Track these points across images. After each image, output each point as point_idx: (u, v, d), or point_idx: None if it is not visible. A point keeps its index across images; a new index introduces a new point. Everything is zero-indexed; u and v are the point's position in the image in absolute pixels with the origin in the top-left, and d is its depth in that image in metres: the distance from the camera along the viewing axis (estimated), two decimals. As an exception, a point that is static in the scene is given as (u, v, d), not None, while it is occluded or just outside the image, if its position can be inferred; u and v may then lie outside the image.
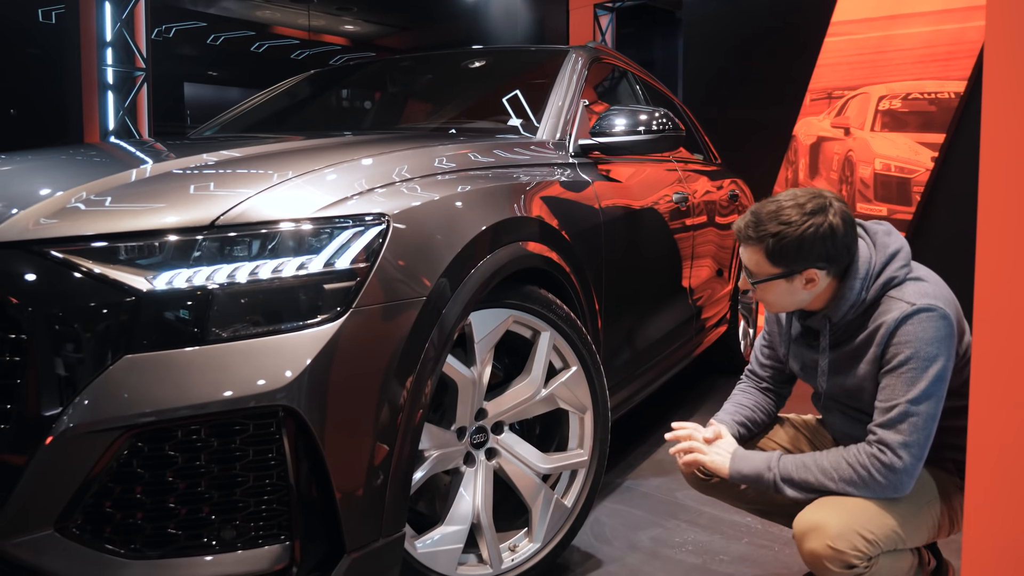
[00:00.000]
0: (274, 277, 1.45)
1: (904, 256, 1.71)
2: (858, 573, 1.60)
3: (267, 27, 7.38)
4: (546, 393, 2.02)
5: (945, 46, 5.19)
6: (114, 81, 5.26)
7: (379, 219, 1.59)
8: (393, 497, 1.57)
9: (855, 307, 1.69)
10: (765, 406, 1.97)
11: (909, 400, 1.60)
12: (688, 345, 3.48)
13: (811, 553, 1.61)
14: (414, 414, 1.59)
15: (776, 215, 1.66)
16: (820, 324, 1.76)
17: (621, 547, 2.27)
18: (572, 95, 2.72)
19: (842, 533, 1.58)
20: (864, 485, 1.62)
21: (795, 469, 1.69)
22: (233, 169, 1.75)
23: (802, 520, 1.64)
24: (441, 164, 1.93)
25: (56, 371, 1.36)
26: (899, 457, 1.59)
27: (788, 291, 1.71)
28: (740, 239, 1.73)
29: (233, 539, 1.43)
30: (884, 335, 1.64)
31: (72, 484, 1.35)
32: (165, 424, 1.37)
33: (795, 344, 1.87)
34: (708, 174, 3.98)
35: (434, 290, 1.63)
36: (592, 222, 2.40)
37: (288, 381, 1.40)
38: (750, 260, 1.72)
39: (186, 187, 1.63)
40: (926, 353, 1.60)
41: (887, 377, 1.64)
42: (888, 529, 1.61)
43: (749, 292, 1.78)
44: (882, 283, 1.68)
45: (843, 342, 1.74)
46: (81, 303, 1.38)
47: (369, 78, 3.38)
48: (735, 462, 1.75)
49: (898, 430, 1.60)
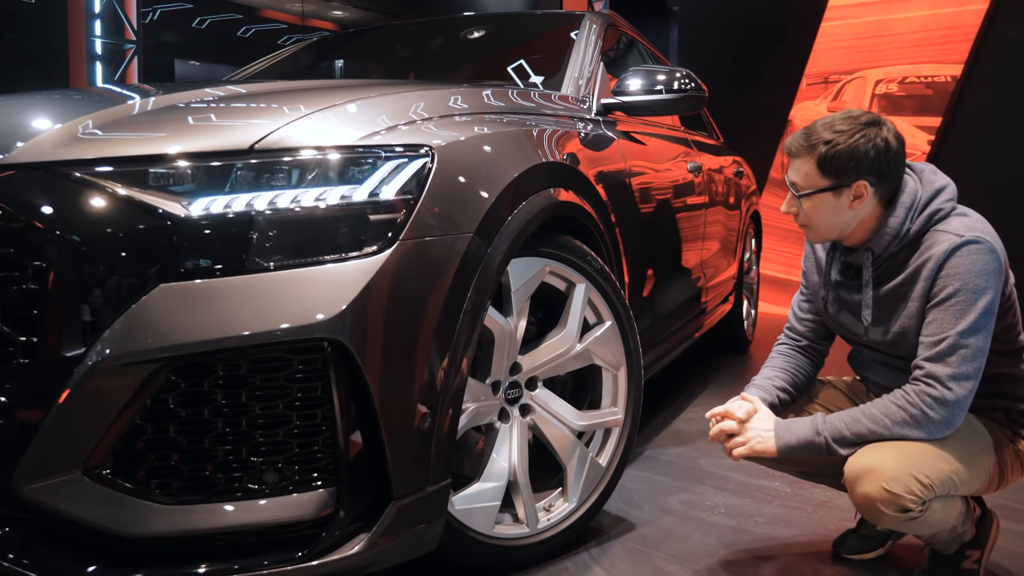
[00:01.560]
0: (317, 205, 1.37)
1: (950, 192, 1.67)
2: (912, 517, 1.55)
3: (255, 11, 7.23)
4: (581, 348, 1.94)
5: (942, 30, 5.21)
6: (103, 52, 5.11)
7: (425, 151, 1.50)
8: (440, 442, 1.49)
9: (899, 238, 1.65)
10: (805, 367, 1.90)
11: (959, 332, 1.55)
12: (698, 320, 3.43)
13: (865, 496, 1.55)
14: (462, 355, 1.51)
15: (830, 125, 1.63)
16: (863, 258, 1.70)
17: (652, 511, 2.20)
18: (592, 55, 2.66)
19: (897, 476, 1.52)
20: (917, 424, 1.57)
21: (844, 425, 1.63)
22: (249, 103, 1.65)
23: (855, 463, 1.58)
24: (487, 101, 1.86)
25: (85, 301, 1.27)
26: (949, 389, 1.55)
27: (834, 208, 1.65)
28: (791, 152, 1.68)
29: (276, 483, 1.34)
30: (933, 268, 1.60)
31: (102, 423, 1.26)
32: (203, 357, 1.27)
33: (836, 288, 1.80)
34: (714, 150, 3.93)
35: (480, 227, 1.55)
36: (620, 178, 2.33)
37: (335, 313, 1.32)
38: (799, 172, 1.67)
39: (206, 116, 1.53)
40: (975, 285, 1.56)
41: (934, 311, 1.59)
42: (943, 474, 1.56)
43: (795, 215, 1.71)
44: (927, 215, 1.64)
45: (887, 279, 1.69)
46: (112, 228, 1.29)
47: (378, 43, 3.29)
48: (780, 437, 1.67)
49: (947, 362, 1.56)
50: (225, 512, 1.31)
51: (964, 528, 1.69)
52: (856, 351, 1.89)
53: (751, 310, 4.64)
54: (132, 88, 1.89)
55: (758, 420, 1.71)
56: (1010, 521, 2.04)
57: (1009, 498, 2.22)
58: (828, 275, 1.82)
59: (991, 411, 1.72)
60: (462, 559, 1.74)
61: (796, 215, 1.71)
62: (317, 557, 1.35)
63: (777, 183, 6.00)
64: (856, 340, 1.82)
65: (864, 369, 1.87)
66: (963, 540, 1.71)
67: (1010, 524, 2.02)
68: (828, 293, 1.83)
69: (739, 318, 4.31)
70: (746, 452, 1.69)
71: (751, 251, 4.60)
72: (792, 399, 1.86)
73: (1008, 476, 1.71)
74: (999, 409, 1.72)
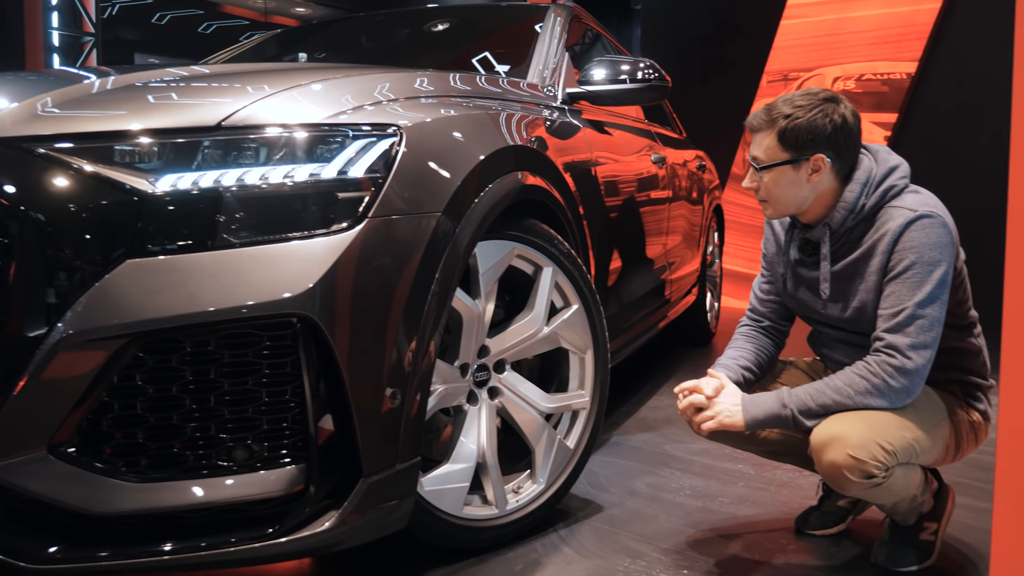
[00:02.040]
0: (285, 182, 1.37)
1: (904, 170, 1.74)
2: (876, 483, 1.59)
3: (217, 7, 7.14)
4: (548, 331, 1.96)
5: (897, 28, 5.32)
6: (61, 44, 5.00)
7: (392, 131, 1.51)
8: (409, 420, 1.49)
9: (855, 213, 1.70)
10: (767, 347, 1.94)
11: (916, 303, 1.61)
12: (662, 310, 3.46)
13: (831, 464, 1.59)
14: (431, 334, 1.51)
15: (790, 100, 1.70)
16: (820, 234, 1.75)
17: (619, 493, 2.23)
18: (557, 45, 2.68)
19: (862, 443, 1.57)
20: (880, 393, 1.62)
21: (809, 398, 1.66)
22: (213, 83, 1.64)
23: (821, 433, 1.62)
24: (454, 85, 1.88)
25: (49, 277, 1.25)
26: (909, 358, 1.61)
27: (793, 182, 1.70)
28: (753, 127, 1.74)
29: (245, 460, 1.33)
30: (889, 242, 1.65)
31: (67, 400, 1.25)
32: (171, 333, 1.27)
33: (795, 266, 1.85)
34: (677, 143, 3.98)
35: (448, 207, 1.56)
36: (586, 165, 2.36)
37: (304, 289, 1.32)
38: (760, 146, 1.72)
39: (170, 95, 1.52)
40: (930, 258, 1.62)
41: (892, 284, 1.65)
42: (905, 441, 1.61)
43: (755, 189, 1.76)
44: (882, 191, 1.70)
45: (844, 254, 1.74)
46: (78, 205, 1.27)
47: (343, 35, 3.28)
48: (747, 411, 1.70)
49: (906, 333, 1.61)
50: (194, 490, 1.30)
51: (923, 498, 1.73)
52: (816, 331, 1.93)
53: (714, 303, 4.71)
54: (89, 70, 1.86)
55: (725, 395, 1.74)
56: (965, 497, 2.10)
57: (964, 475, 2.29)
58: (787, 253, 1.86)
59: (946, 384, 1.78)
60: (432, 539, 1.75)
61: (757, 190, 1.76)
62: (287, 534, 1.35)
63: (739, 178, 6.09)
64: (815, 318, 1.86)
65: (824, 348, 1.91)
66: (922, 511, 1.76)
67: (965, 499, 2.08)
68: (787, 271, 1.87)
69: (703, 310, 4.37)
70: (715, 426, 1.72)
71: (714, 244, 4.66)
72: (756, 378, 1.90)
73: (964, 447, 1.77)
74: (953, 382, 1.78)
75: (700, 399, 1.74)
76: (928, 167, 4.91)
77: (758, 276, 2.02)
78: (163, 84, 1.57)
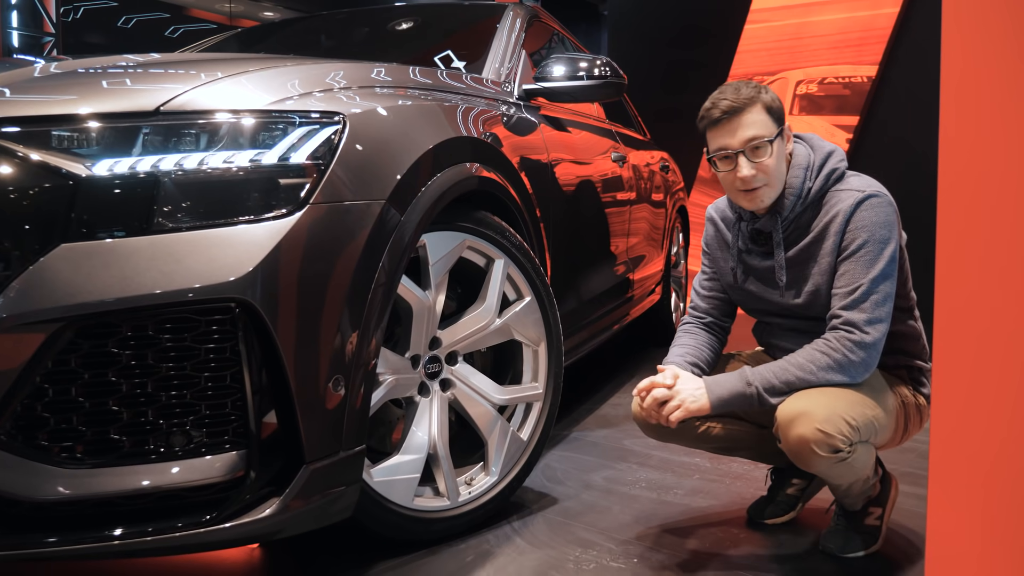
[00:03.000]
0: (225, 167, 1.36)
1: (840, 154, 1.78)
2: (842, 458, 1.61)
3: (183, 10, 7.09)
4: (500, 323, 1.97)
5: (857, 32, 5.41)
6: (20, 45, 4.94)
7: (338, 118, 1.51)
8: (353, 406, 1.49)
9: (802, 198, 1.74)
10: (711, 343, 1.95)
11: (871, 279, 1.65)
12: (624, 308, 3.48)
13: (800, 438, 1.60)
14: (376, 320, 1.51)
15: (737, 86, 1.73)
16: (771, 223, 1.77)
17: (575, 486, 2.24)
18: (514, 42, 2.70)
19: (829, 417, 1.59)
20: (840, 368, 1.64)
21: (773, 375, 1.67)
22: (160, 69, 1.63)
23: (787, 410, 1.63)
24: (409, 76, 1.88)
25: (-18, 262, 1.24)
26: (867, 333, 1.64)
27: (781, 156, 1.73)
28: (735, 111, 1.68)
29: (184, 445, 1.32)
30: (841, 223, 1.69)
31: (1, 385, 1.23)
32: (107, 317, 1.26)
33: (746, 257, 1.86)
34: (640, 144, 4.01)
35: (392, 195, 1.56)
36: (541, 161, 2.37)
37: (244, 274, 1.32)
38: (753, 125, 1.68)
39: (113, 80, 1.51)
40: (881, 236, 1.66)
41: (846, 263, 1.68)
42: (867, 418, 1.63)
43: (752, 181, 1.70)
44: (825, 175, 1.74)
45: (795, 241, 1.76)
46: (12, 188, 1.26)
47: (304, 34, 3.28)
48: (712, 391, 1.69)
49: (862, 308, 1.65)
50: (132, 475, 1.29)
51: (873, 480, 1.76)
52: (761, 323, 1.95)
53: (679, 303, 4.74)
54: (40, 58, 1.85)
55: (685, 382, 1.73)
56: (908, 485, 2.13)
57: (907, 464, 2.33)
58: (736, 246, 1.87)
59: (895, 368, 1.81)
60: (383, 531, 1.74)
61: (754, 176, 1.70)
62: (229, 520, 1.34)
63: (705, 182, 6.14)
64: (767, 309, 1.88)
65: (772, 338, 1.92)
66: (870, 495, 1.78)
67: (908, 487, 2.11)
68: (737, 265, 1.88)
69: (667, 310, 4.40)
70: (682, 414, 1.70)
71: (679, 245, 4.70)
72: (704, 374, 1.91)
73: (910, 428, 1.80)
74: (901, 367, 1.82)
75: (662, 392, 1.73)
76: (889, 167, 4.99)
77: (699, 274, 2.03)
78: (111, 70, 1.56)
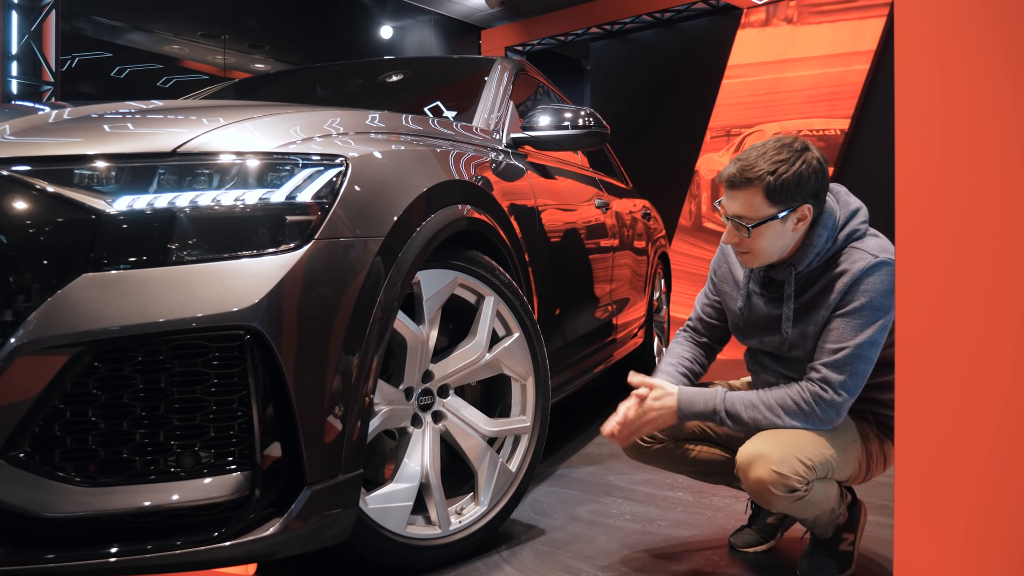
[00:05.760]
0: (236, 204, 1.46)
1: (864, 213, 1.82)
2: (799, 496, 1.69)
3: (176, 61, 7.26)
4: (490, 357, 2.05)
5: (831, 87, 5.64)
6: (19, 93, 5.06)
7: (340, 161, 1.62)
8: (352, 431, 1.57)
9: (821, 255, 1.77)
10: (701, 359, 2.04)
11: (857, 344, 1.70)
12: (608, 349, 3.58)
13: (757, 480, 1.69)
14: (375, 348, 1.60)
15: (766, 155, 1.71)
16: (785, 274, 1.81)
17: (561, 519, 2.30)
18: (502, 93, 2.84)
19: (784, 458, 1.67)
20: (805, 418, 1.73)
21: (743, 408, 1.76)
22: (167, 115, 1.73)
23: (745, 452, 1.73)
24: (403, 123, 2.00)
25: (8, 288, 1.32)
26: (839, 395, 1.71)
27: (779, 234, 1.74)
28: (733, 185, 1.73)
29: (192, 466, 1.40)
30: (847, 282, 1.73)
31: (21, 406, 1.31)
32: (124, 343, 1.34)
33: (755, 298, 1.91)
34: (622, 192, 4.16)
35: (390, 233, 1.67)
36: (528, 205, 2.49)
37: (252, 303, 1.40)
38: (744, 204, 1.72)
39: (127, 124, 1.61)
40: (880, 304, 1.71)
41: (837, 319, 1.73)
42: (823, 457, 1.72)
43: (736, 247, 1.79)
44: (846, 234, 1.77)
45: (803, 291, 1.81)
46: (38, 222, 1.35)
47: (298, 85, 3.41)
48: (682, 401, 1.81)
49: (841, 370, 1.71)
50: (143, 494, 1.36)
51: (840, 511, 1.84)
52: (751, 351, 2.03)
53: (662, 347, 4.84)
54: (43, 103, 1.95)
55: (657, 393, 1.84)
56: (877, 515, 2.21)
57: (875, 495, 2.41)
58: (747, 287, 1.92)
59: (862, 413, 1.88)
60: (376, 557, 1.80)
61: (738, 244, 1.78)
62: (231, 538, 1.40)
63: (686, 230, 6.30)
64: (762, 348, 1.94)
65: (758, 367, 2.00)
66: (839, 523, 1.86)
67: (877, 517, 2.19)
68: (745, 306, 1.93)
69: (650, 352, 4.50)
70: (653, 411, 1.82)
71: (661, 291, 4.82)
72: (691, 385, 1.99)
73: (873, 468, 1.88)
74: (868, 412, 1.88)
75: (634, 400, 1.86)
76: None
77: (702, 294, 2.09)
78: (122, 115, 1.67)
